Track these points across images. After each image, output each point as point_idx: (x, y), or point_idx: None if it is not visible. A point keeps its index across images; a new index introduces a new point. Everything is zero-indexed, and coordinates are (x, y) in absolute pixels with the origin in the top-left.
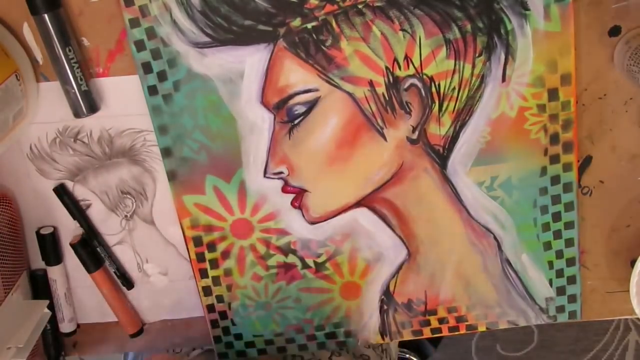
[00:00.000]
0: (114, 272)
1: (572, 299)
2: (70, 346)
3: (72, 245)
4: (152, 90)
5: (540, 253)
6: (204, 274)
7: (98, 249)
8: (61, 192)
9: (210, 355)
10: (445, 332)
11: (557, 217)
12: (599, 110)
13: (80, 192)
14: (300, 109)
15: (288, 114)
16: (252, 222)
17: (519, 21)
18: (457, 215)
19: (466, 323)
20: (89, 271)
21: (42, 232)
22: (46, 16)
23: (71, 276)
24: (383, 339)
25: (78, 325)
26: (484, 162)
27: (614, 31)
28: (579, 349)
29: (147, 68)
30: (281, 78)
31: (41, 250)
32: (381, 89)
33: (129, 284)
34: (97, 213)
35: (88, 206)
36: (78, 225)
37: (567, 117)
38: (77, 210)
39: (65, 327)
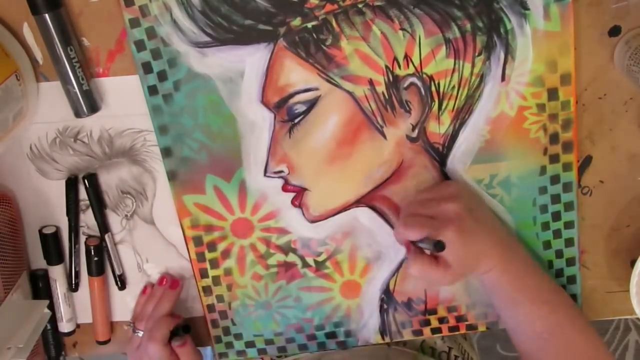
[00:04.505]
0: (77, 271)
1: (572, 298)
2: (70, 346)
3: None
4: (152, 90)
5: (539, 252)
6: (204, 273)
7: (76, 246)
8: (70, 186)
9: None
10: (445, 332)
11: (556, 216)
12: (599, 110)
13: (80, 191)
14: (301, 108)
15: (288, 113)
16: (252, 221)
17: (518, 21)
18: None
19: (466, 323)
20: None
21: (45, 231)
22: (47, 16)
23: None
24: (383, 338)
25: (78, 325)
26: (483, 161)
27: (614, 31)
28: None
29: (147, 68)
30: (281, 77)
31: (43, 249)
32: (381, 88)
33: (76, 287)
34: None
35: (87, 206)
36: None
37: (567, 116)
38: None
39: (64, 326)
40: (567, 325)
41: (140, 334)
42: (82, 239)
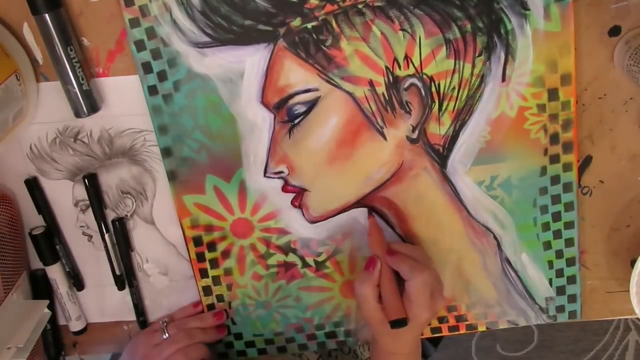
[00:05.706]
0: (68, 271)
1: (572, 298)
2: (70, 346)
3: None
4: (152, 90)
5: (540, 253)
6: (204, 273)
7: (57, 246)
8: (32, 185)
9: None
10: (445, 332)
11: (557, 216)
12: (599, 110)
13: (80, 192)
14: (300, 109)
15: (288, 114)
16: (252, 221)
17: (519, 21)
18: (456, 214)
19: (466, 322)
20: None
21: (34, 232)
22: (47, 16)
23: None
24: None
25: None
26: (484, 162)
27: (614, 31)
28: (579, 349)
29: (147, 68)
30: (281, 78)
31: (36, 250)
32: (381, 89)
33: (79, 285)
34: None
35: (87, 206)
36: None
37: (567, 117)
38: (44, 204)
39: (74, 325)
40: None
41: (165, 336)
42: (77, 236)
